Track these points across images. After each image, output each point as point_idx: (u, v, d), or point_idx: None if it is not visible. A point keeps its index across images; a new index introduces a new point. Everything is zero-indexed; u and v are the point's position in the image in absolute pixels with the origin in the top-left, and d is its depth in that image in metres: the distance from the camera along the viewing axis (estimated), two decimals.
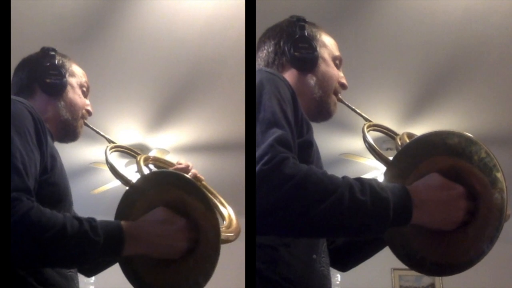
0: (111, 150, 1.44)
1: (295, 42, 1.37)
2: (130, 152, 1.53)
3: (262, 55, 1.42)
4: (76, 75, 1.53)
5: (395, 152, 1.23)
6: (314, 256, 1.19)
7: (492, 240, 1.03)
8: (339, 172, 1.02)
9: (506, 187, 1.04)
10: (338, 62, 1.44)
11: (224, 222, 1.30)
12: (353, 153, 4.23)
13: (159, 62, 3.32)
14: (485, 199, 1.06)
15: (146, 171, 1.40)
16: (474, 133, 1.11)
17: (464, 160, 1.09)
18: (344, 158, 4.29)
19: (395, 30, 3.09)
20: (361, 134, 1.40)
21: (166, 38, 3.09)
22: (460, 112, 3.98)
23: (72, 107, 1.48)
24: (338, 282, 4.89)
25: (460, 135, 1.11)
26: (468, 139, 1.10)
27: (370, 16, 2.97)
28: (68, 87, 1.49)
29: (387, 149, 3.89)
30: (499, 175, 1.05)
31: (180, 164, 1.41)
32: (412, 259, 1.16)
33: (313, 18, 1.46)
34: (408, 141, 1.31)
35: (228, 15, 2.93)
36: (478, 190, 1.08)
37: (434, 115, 4.03)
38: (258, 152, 1.00)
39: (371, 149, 1.34)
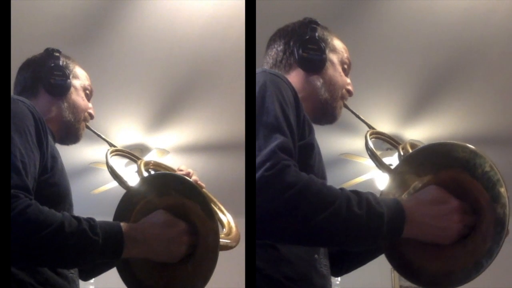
0: (112, 154, 1.42)
1: (304, 42, 1.38)
2: (130, 156, 1.52)
3: (271, 53, 1.42)
4: (80, 77, 1.53)
5: (395, 152, 1.22)
6: (316, 256, 1.19)
7: (492, 255, 1.02)
8: (339, 172, 1.03)
9: (508, 202, 1.02)
10: (346, 67, 1.43)
11: (224, 229, 1.30)
12: (353, 153, 4.23)
13: (159, 62, 3.32)
14: (487, 214, 1.05)
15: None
16: (474, 133, 1.11)
17: (467, 173, 1.07)
18: (344, 158, 4.29)
19: (395, 30, 3.09)
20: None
21: (166, 38, 3.09)
22: (461, 112, 3.98)
23: (75, 109, 1.48)
24: (338, 282, 4.89)
25: (464, 147, 1.09)
26: (472, 151, 1.08)
27: (370, 16, 2.97)
28: (72, 89, 1.48)
29: (387, 149, 3.89)
30: (502, 190, 1.03)
31: (181, 170, 1.39)
32: (408, 269, 1.15)
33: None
34: (411, 151, 1.29)
35: (228, 15, 2.93)
36: (480, 204, 1.06)
37: (435, 116, 4.02)
38: (260, 158, 1.00)
39: (373, 157, 1.32)
